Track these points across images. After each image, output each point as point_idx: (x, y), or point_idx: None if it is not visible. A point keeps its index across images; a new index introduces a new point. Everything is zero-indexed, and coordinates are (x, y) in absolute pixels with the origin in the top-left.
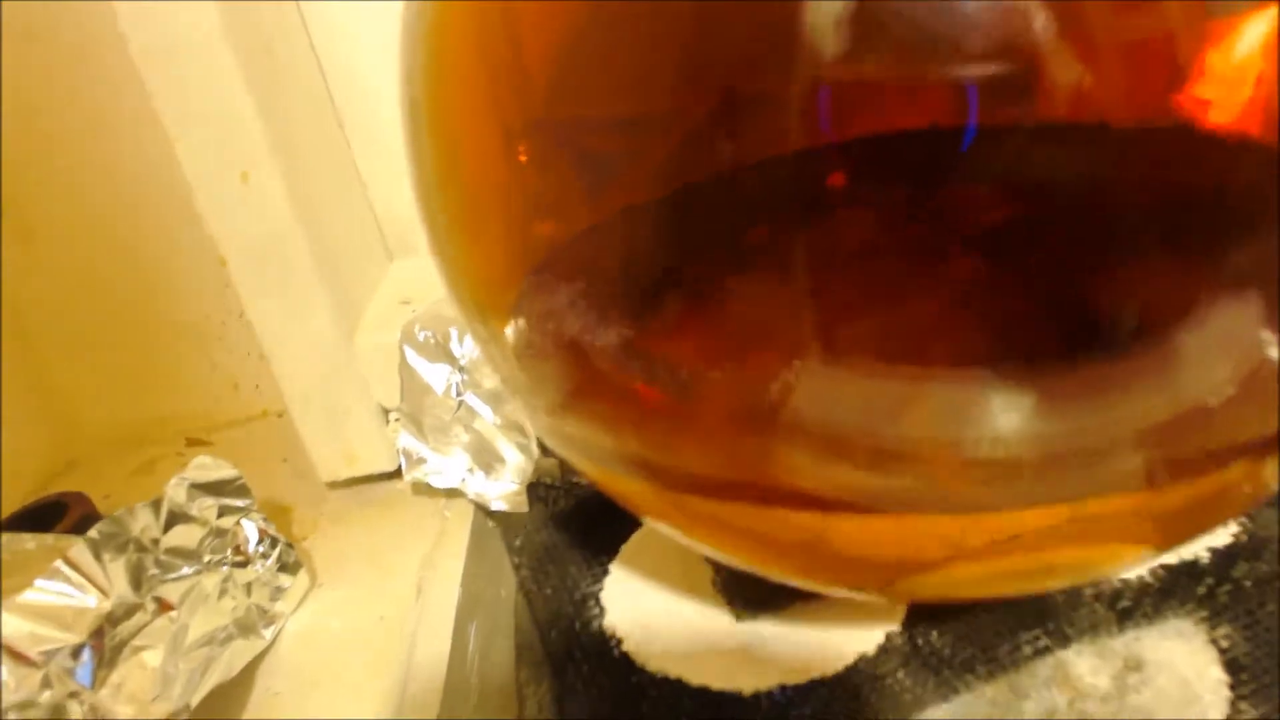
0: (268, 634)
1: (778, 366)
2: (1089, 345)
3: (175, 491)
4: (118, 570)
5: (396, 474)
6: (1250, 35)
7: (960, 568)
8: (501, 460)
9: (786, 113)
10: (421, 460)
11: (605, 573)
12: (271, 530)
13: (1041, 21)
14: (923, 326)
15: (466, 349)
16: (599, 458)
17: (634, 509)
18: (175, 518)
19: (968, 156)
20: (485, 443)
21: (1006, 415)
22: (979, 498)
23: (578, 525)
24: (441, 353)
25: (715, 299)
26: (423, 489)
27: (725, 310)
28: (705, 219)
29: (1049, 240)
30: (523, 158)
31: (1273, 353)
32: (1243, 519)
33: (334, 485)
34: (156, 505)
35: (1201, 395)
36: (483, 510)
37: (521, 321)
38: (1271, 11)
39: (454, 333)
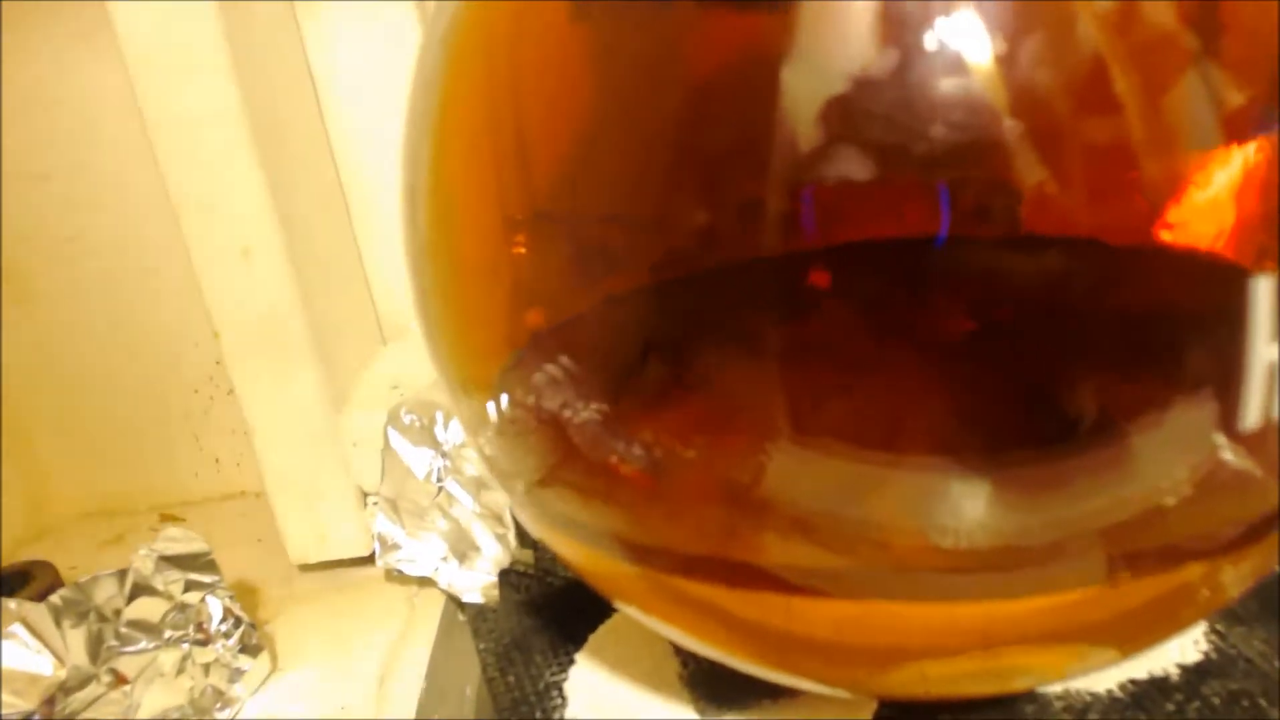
0: (222, 717)
1: (749, 448)
2: (1052, 441)
3: (142, 563)
4: (76, 639)
5: (369, 559)
6: (1219, 169)
7: (926, 662)
8: (477, 549)
9: (769, 218)
10: (396, 546)
11: (571, 662)
12: (236, 609)
13: (1012, 141)
14: (891, 415)
15: (451, 435)
16: (575, 534)
17: (607, 589)
18: (140, 589)
19: (942, 259)
20: (462, 531)
21: (969, 503)
22: (940, 586)
23: (547, 614)
24: (426, 437)
25: (693, 382)
26: (395, 576)
27: (702, 393)
28: (688, 308)
29: (1018, 339)
30: (520, 247)
31: (1228, 456)
32: (1213, 637)
33: (305, 568)
34: (122, 576)
35: (1159, 494)
36: (454, 601)
37: (504, 396)
38: (1238, 150)
39: (439, 417)
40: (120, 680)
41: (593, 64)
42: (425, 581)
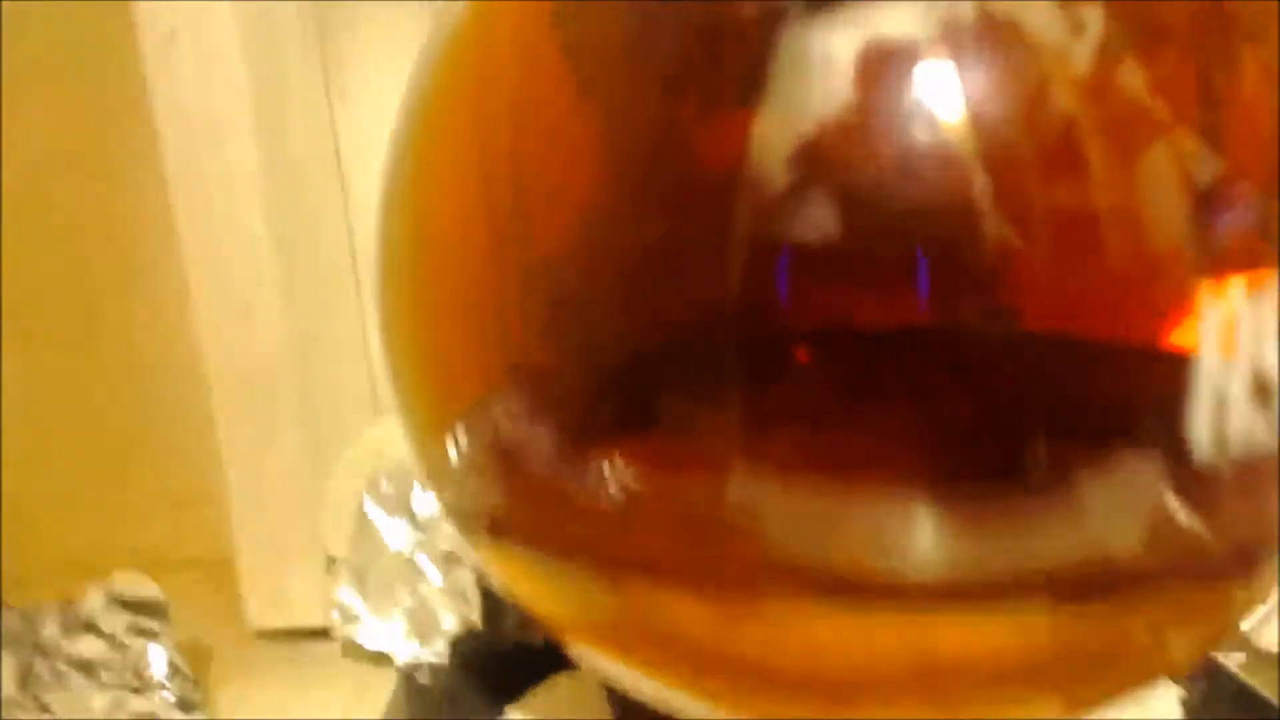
0: None
1: (707, 485)
2: (996, 483)
3: (92, 600)
4: (9, 667)
5: (327, 630)
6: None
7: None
8: (440, 629)
9: (744, 297)
10: (357, 618)
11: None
12: (180, 663)
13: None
14: (850, 449)
15: (427, 507)
16: (536, 573)
17: (566, 631)
18: (85, 627)
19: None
20: (427, 608)
21: (922, 533)
22: (888, 616)
23: (487, 672)
24: (402, 509)
25: (659, 428)
26: (351, 649)
27: (667, 438)
28: (662, 358)
29: (981, 389)
30: (513, 304)
31: (1180, 517)
32: None
33: (262, 634)
34: (68, 609)
35: (1103, 542)
36: (408, 679)
37: (468, 436)
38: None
39: (417, 489)
40: (46, 715)
41: (594, 142)
42: (382, 657)
